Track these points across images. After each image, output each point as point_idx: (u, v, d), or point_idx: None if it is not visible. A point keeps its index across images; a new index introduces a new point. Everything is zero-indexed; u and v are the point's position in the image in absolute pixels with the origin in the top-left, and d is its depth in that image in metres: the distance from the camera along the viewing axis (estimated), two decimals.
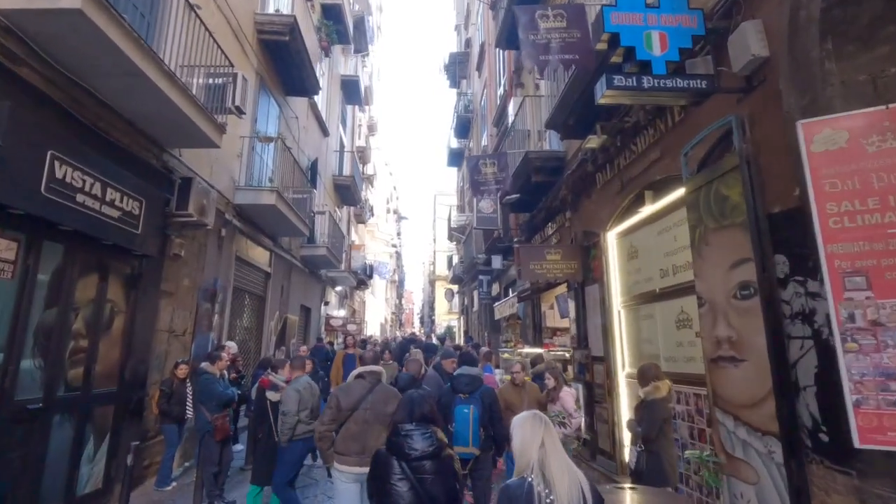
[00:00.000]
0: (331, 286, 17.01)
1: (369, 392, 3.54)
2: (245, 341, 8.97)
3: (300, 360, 4.47)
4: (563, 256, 6.47)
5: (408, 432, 2.35)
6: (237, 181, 8.10)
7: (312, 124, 13.59)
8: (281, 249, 10.64)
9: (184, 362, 5.76)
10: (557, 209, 7.52)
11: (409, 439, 2.32)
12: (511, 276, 11.33)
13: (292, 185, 9.99)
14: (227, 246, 7.80)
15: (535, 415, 1.99)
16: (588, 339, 6.19)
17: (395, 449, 2.34)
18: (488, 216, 9.22)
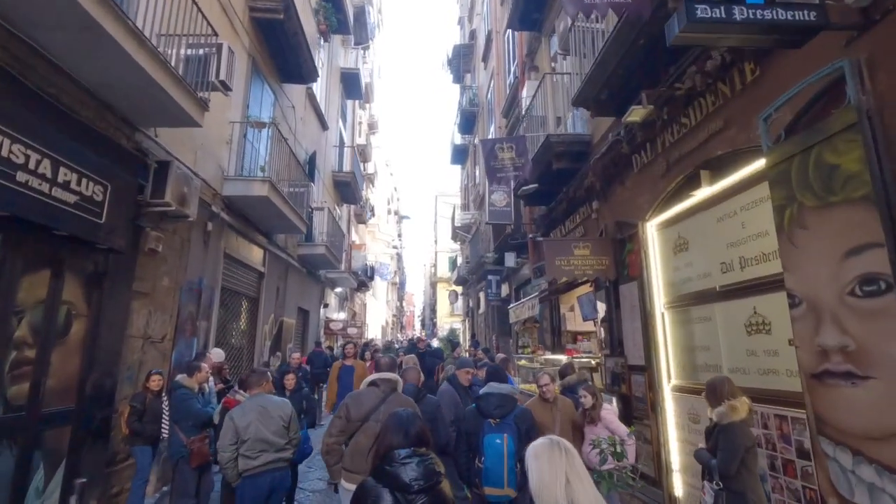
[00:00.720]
0: (330, 288, 16.23)
1: (382, 402, 3.13)
2: (236, 347, 8.20)
3: (258, 376, 3.64)
4: (592, 251, 5.69)
5: (405, 460, 1.89)
6: (226, 171, 7.33)
7: (310, 116, 12.85)
8: (276, 248, 9.87)
9: (158, 373, 4.97)
10: (581, 200, 6.75)
11: (407, 468, 1.86)
12: (524, 276, 10.56)
13: (288, 179, 9.23)
14: (214, 242, 7.03)
15: (554, 443, 1.66)
16: (623, 344, 5.41)
17: (388, 480, 1.83)
18: (501, 210, 8.44)
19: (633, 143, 5.18)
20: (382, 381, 3.33)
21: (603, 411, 4.12)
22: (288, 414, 3.49)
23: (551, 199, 7.93)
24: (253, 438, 3.28)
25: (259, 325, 9.11)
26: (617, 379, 5.44)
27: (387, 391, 3.26)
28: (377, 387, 3.29)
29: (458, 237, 20.59)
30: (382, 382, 3.31)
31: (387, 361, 3.64)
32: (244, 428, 3.29)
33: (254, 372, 3.79)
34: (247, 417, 3.33)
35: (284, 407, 3.53)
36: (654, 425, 4.78)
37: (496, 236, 11.53)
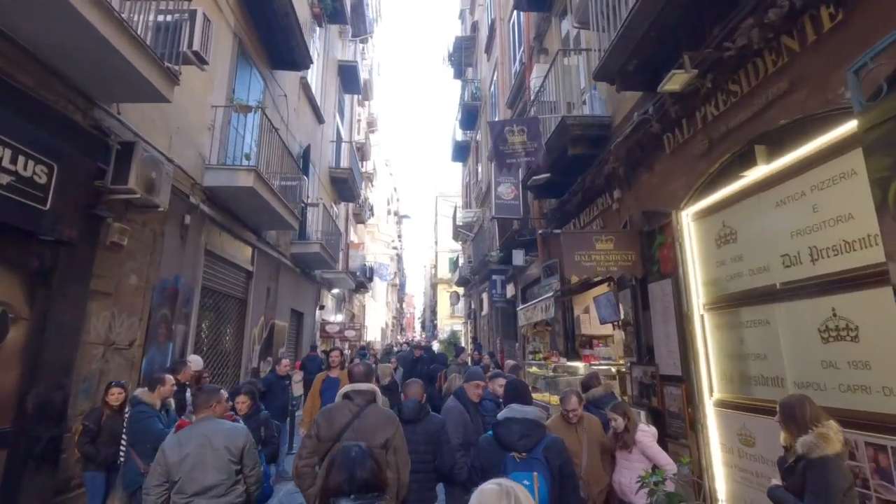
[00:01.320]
0: (326, 289, 15.55)
1: (355, 417, 2.76)
2: (220, 353, 7.52)
3: (207, 395, 2.91)
4: (616, 245, 5.02)
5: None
6: (207, 159, 6.67)
7: (305, 108, 12.19)
8: (266, 245, 9.20)
9: (119, 385, 4.28)
10: (600, 189, 6.08)
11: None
12: (531, 276, 9.88)
13: (280, 172, 8.58)
14: (193, 237, 6.36)
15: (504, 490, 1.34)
16: (654, 351, 4.73)
17: None
18: (508, 203, 7.77)
19: (666, 120, 4.51)
20: (356, 392, 2.88)
21: (639, 433, 3.45)
22: (240, 445, 2.76)
23: (564, 191, 7.26)
24: (185, 478, 2.58)
25: (247, 329, 8.44)
26: (646, 390, 4.77)
27: (361, 405, 2.82)
28: (351, 400, 2.85)
29: (460, 236, 19.93)
30: (356, 395, 2.87)
31: (361, 370, 3.09)
32: (177, 464, 2.59)
33: (201, 390, 3.07)
34: (183, 449, 2.62)
35: (235, 436, 2.79)
36: (693, 446, 4.10)
37: (502, 233, 10.86)
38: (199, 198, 6.40)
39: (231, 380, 7.95)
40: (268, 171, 7.79)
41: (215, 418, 2.88)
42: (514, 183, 7.78)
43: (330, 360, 6.14)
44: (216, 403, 2.92)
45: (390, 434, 2.71)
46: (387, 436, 2.69)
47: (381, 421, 2.77)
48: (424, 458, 3.10)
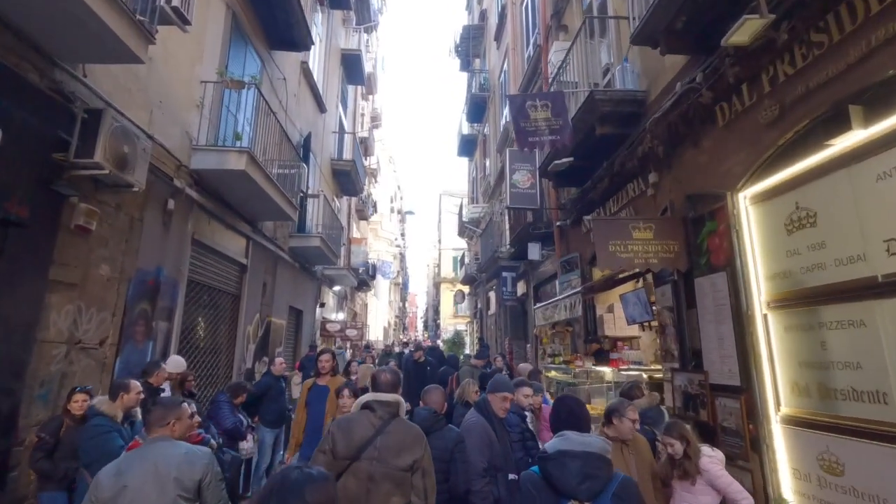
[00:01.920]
0: (327, 286, 14.94)
1: (379, 433, 2.39)
2: (210, 352, 6.90)
3: (162, 410, 2.27)
4: (656, 234, 4.37)
5: None
6: (195, 139, 6.05)
7: (306, 95, 11.58)
8: (262, 237, 8.58)
9: (84, 390, 3.66)
10: (631, 173, 5.43)
11: None
12: (545, 273, 9.24)
13: (278, 159, 7.98)
14: (178, 224, 5.75)
15: None
16: (702, 356, 4.08)
17: None
18: (524, 192, 7.12)
19: (720, 87, 3.86)
20: (380, 403, 2.48)
21: (705, 461, 2.80)
22: (196, 476, 2.10)
23: (586, 178, 6.61)
24: None
25: (240, 326, 7.82)
26: (692, 401, 4.12)
27: (385, 418, 2.44)
28: (373, 411, 2.46)
29: (466, 233, 19.28)
30: (380, 406, 2.47)
31: (388, 378, 2.64)
32: (109, 500, 1.96)
33: (158, 404, 2.42)
34: (120, 480, 2.02)
35: (192, 464, 2.13)
36: (756, 469, 3.46)
37: (513, 226, 10.21)
38: (185, 181, 5.78)
39: (222, 382, 7.33)
40: (264, 157, 7.20)
41: (172, 440, 2.25)
42: (531, 170, 7.14)
43: (318, 366, 5.05)
44: (175, 420, 2.29)
45: (419, 455, 2.34)
46: (415, 456, 2.33)
47: (408, 438, 2.39)
48: (437, 476, 2.60)
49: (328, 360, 5.08)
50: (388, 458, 2.29)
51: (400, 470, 2.27)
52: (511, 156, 7.20)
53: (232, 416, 4.84)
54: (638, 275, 5.85)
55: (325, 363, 5.04)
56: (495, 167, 15.07)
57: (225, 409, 4.84)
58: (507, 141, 12.58)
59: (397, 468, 2.27)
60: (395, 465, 2.28)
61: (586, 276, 6.94)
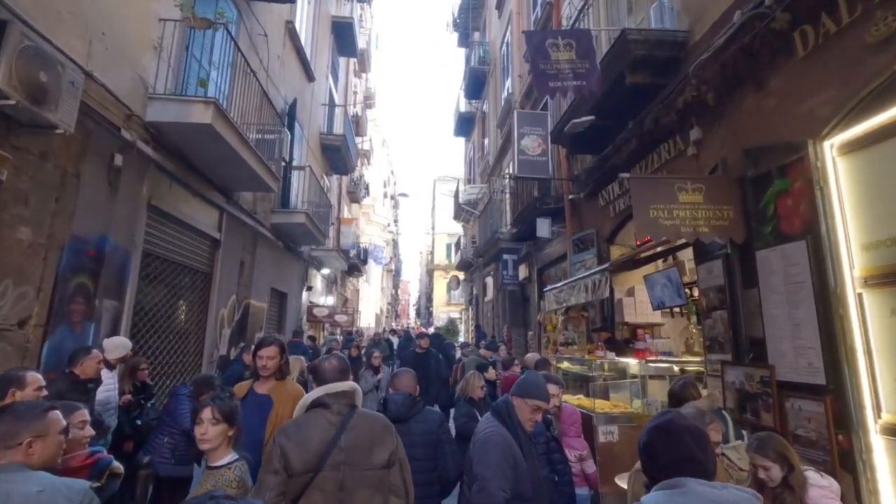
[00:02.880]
0: (315, 268, 14.06)
1: (341, 431, 1.94)
2: (172, 338, 6.04)
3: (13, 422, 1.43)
4: (707, 196, 3.56)
5: None
6: (152, 87, 5.13)
7: (291, 58, 10.59)
8: (239, 210, 7.68)
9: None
10: (667, 130, 4.61)
11: None
12: (552, 254, 8.43)
13: (258, 123, 7.09)
14: (129, 185, 4.85)
15: None
16: (766, 346, 3.30)
17: None
18: (534, 160, 6.26)
19: (802, 5, 3.02)
20: (334, 396, 2.06)
21: (816, 493, 2.01)
22: None
23: (605, 143, 5.78)
24: None
25: (212, 308, 6.96)
26: (750, 403, 3.34)
27: (344, 412, 2.03)
28: (327, 408, 2.03)
29: (463, 216, 18.43)
30: (334, 399, 2.05)
31: (334, 364, 2.23)
32: None
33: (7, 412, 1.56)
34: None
35: None
36: (849, 491, 2.68)
37: (515, 204, 9.38)
38: (138, 135, 4.87)
39: (191, 370, 6.49)
40: (242, 121, 6.33)
41: (26, 468, 1.41)
42: (542, 135, 6.30)
43: (257, 366, 3.13)
44: (33, 439, 1.45)
45: (393, 446, 2.03)
46: (390, 449, 2.01)
47: (377, 429, 2.04)
48: (425, 465, 2.47)
49: (272, 355, 3.09)
50: (360, 458, 1.93)
51: (375, 469, 1.94)
52: (520, 118, 6.35)
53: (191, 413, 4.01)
54: (666, 252, 5.06)
55: (268, 361, 3.07)
56: (495, 145, 14.19)
57: (184, 406, 3.99)
58: (510, 113, 11.70)
59: (372, 468, 1.94)
60: (368, 465, 1.94)
61: (603, 255, 6.15)
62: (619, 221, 5.89)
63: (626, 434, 4.24)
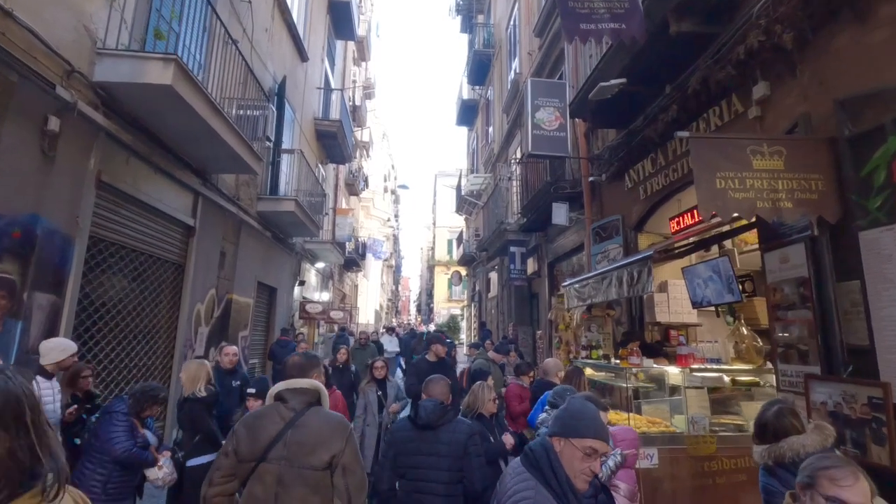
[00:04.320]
0: (309, 262, 13.26)
1: (289, 427, 2.00)
2: (135, 338, 5.26)
3: None
4: (789, 162, 2.75)
5: None
6: (101, 39, 4.32)
7: (282, 33, 9.78)
8: (218, 195, 6.88)
9: None
10: (720, 88, 3.79)
11: None
12: (564, 246, 7.63)
13: (239, 98, 6.31)
14: (70, 155, 4.05)
15: None
16: (874, 357, 2.49)
17: None
18: (550, 135, 5.41)
19: None
20: (292, 392, 2.09)
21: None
22: None
23: (632, 115, 4.97)
24: None
25: (186, 304, 6.17)
26: (852, 431, 2.53)
27: (298, 408, 2.04)
28: (284, 402, 2.07)
29: (465, 208, 17.62)
30: (292, 395, 2.08)
31: (297, 360, 2.29)
32: None
33: None
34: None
35: None
36: None
37: (525, 191, 8.57)
38: (83, 97, 4.07)
39: (159, 374, 5.72)
40: (222, 96, 5.57)
41: None
42: (559, 107, 5.49)
43: None
44: None
45: (337, 449, 1.97)
46: (333, 451, 1.96)
47: (325, 430, 2.00)
48: (448, 475, 2.45)
49: None
50: (300, 455, 1.94)
51: (314, 469, 1.93)
52: (534, 88, 5.53)
53: (127, 437, 3.21)
54: (709, 240, 4.25)
55: None
56: (500, 132, 13.38)
57: (118, 428, 3.20)
58: (517, 97, 10.88)
59: (311, 467, 1.93)
60: (307, 464, 1.93)
61: (630, 244, 5.35)
62: (650, 205, 5.09)
63: (668, 460, 3.45)
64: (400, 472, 2.57)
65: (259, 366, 9.70)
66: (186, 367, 4.04)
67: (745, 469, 3.14)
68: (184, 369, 4.02)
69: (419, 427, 2.54)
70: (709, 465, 3.13)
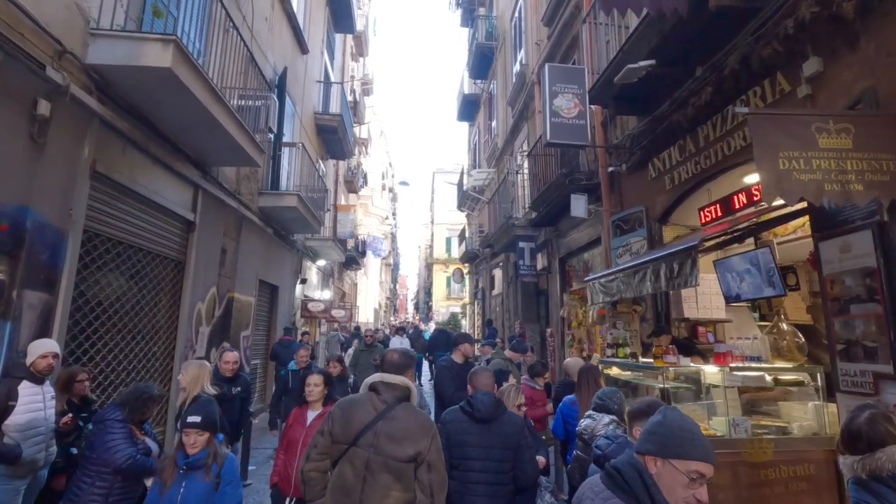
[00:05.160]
0: (310, 259, 12.97)
1: (380, 418, 2.13)
2: (135, 337, 4.97)
3: None
4: (857, 141, 2.50)
5: None
6: (94, 19, 4.02)
7: (282, 24, 9.48)
8: (219, 189, 6.59)
9: None
10: (763, 69, 3.53)
11: None
12: (577, 241, 7.38)
13: (240, 87, 6.02)
14: (62, 143, 3.76)
15: None
16: None
17: None
18: (569, 123, 5.13)
19: None
20: (386, 386, 2.24)
21: None
22: None
23: (658, 100, 4.71)
24: None
25: (186, 302, 5.88)
26: None
27: (390, 402, 2.18)
28: (377, 394, 2.22)
29: (467, 204, 17.34)
30: (385, 388, 2.23)
31: (396, 358, 2.40)
32: None
33: None
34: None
35: None
36: None
37: (534, 185, 8.30)
38: (76, 80, 3.78)
39: (159, 376, 5.44)
40: (222, 85, 5.28)
41: None
42: (578, 94, 5.21)
43: None
44: None
45: (423, 446, 2.08)
46: (419, 448, 2.07)
47: (413, 427, 2.13)
48: (497, 465, 2.52)
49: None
50: (387, 446, 2.08)
51: (398, 461, 2.06)
52: (552, 74, 5.25)
53: (127, 444, 2.93)
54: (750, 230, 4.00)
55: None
56: (504, 126, 13.11)
57: (116, 435, 2.93)
58: (524, 88, 10.61)
59: (396, 458, 2.06)
60: (393, 455, 2.07)
61: (655, 237, 5.09)
62: (676, 196, 4.84)
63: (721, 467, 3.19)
64: (454, 464, 2.51)
65: (261, 367, 9.41)
66: (186, 368, 3.76)
67: (806, 477, 2.89)
68: (183, 371, 3.74)
69: (477, 420, 2.57)
70: (765, 473, 2.88)
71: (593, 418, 2.90)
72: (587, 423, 2.88)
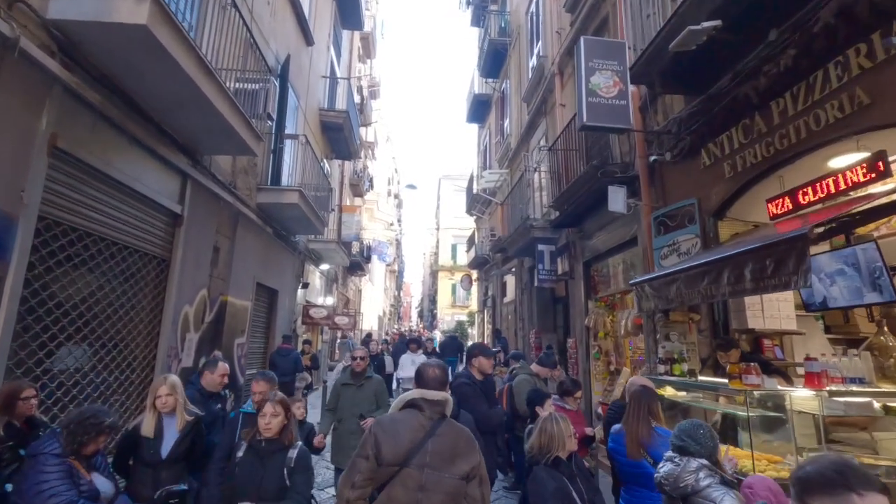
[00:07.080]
0: (313, 263, 12.31)
1: (429, 436, 2.08)
2: (107, 345, 4.29)
3: None
4: None
5: None
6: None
7: (285, 12, 8.92)
8: (211, 180, 5.95)
9: None
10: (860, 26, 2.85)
11: None
12: (607, 242, 6.67)
13: (237, 69, 5.45)
14: (14, 110, 3.12)
15: None
16: None
17: None
18: (608, 104, 4.44)
19: None
20: (429, 402, 2.16)
21: None
22: None
23: (716, 75, 4.04)
24: None
25: (170, 306, 5.21)
26: None
27: (434, 418, 2.14)
28: (420, 410, 2.14)
29: (477, 208, 16.67)
30: (428, 405, 2.16)
31: (436, 373, 2.27)
32: None
33: None
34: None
35: None
36: None
37: (556, 183, 7.60)
38: (30, 37, 3.15)
39: (133, 391, 4.75)
40: (218, 64, 4.70)
41: None
42: (618, 71, 4.54)
43: None
44: None
45: (476, 461, 2.10)
46: (472, 463, 2.08)
47: (461, 442, 2.12)
48: None
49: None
50: (442, 465, 2.03)
51: (455, 478, 2.04)
52: (588, 48, 4.58)
53: (65, 486, 2.24)
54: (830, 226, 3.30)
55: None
56: (518, 124, 12.47)
57: (49, 476, 2.24)
58: (542, 81, 9.97)
59: (451, 475, 2.03)
60: (450, 473, 2.03)
61: (709, 234, 4.39)
62: (738, 185, 4.14)
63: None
64: None
65: None
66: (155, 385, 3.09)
67: None
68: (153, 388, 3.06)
69: None
70: None
71: (675, 462, 2.20)
72: (669, 470, 2.18)
